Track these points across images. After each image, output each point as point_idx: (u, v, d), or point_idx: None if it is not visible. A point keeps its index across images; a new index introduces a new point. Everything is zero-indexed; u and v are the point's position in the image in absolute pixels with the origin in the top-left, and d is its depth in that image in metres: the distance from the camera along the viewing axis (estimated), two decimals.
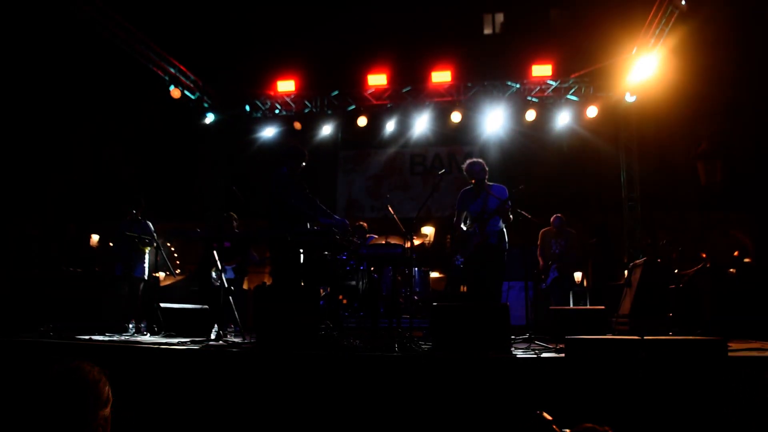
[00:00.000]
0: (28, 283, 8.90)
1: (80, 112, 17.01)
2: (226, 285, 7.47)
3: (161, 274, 10.05)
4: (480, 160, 7.34)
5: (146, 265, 8.76)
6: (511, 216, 7.07)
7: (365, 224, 10.49)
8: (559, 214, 9.99)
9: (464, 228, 7.28)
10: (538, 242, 9.95)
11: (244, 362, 5.43)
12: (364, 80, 12.68)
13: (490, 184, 7.26)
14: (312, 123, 13.57)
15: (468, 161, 7.39)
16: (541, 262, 9.90)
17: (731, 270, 8.44)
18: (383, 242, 8.60)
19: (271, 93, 13.25)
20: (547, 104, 12.63)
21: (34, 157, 17.30)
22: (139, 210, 8.57)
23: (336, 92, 13.16)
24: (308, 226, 6.73)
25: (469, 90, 12.68)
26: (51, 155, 17.28)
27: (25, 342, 6.28)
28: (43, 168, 17.28)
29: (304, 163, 7.06)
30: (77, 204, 14.60)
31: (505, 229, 7.24)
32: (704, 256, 10.78)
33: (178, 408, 5.20)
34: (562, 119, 12.68)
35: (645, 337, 4.50)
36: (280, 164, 6.95)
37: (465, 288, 7.37)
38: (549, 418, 2.19)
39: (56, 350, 6.02)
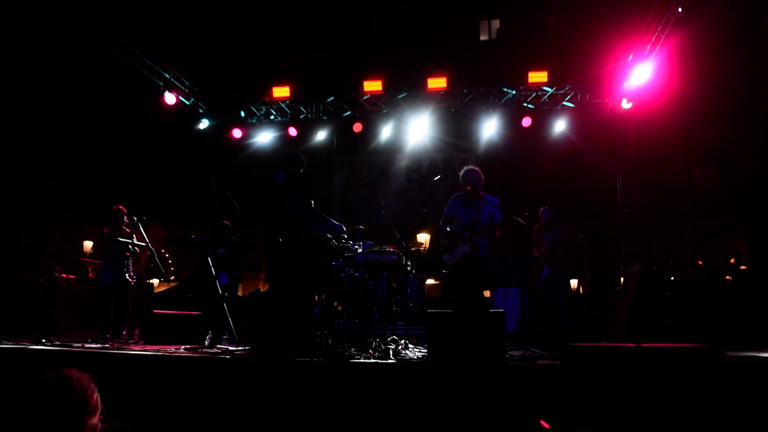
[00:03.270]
0: (20, 289, 8.84)
1: (74, 116, 16.96)
2: (221, 291, 7.43)
3: (155, 281, 10.00)
4: (477, 169, 7.30)
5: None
6: (498, 234, 7.09)
7: (363, 228, 10.46)
8: (545, 207, 9.45)
9: (449, 231, 7.27)
10: (533, 241, 9.50)
11: (238, 369, 5.39)
12: (360, 86, 12.66)
13: (483, 194, 7.23)
14: (307, 129, 13.55)
15: (465, 168, 7.36)
16: (539, 259, 9.38)
17: (728, 277, 8.43)
18: (379, 249, 8.57)
19: (267, 99, 13.23)
20: (542, 111, 12.63)
21: (25, 161, 17.25)
22: (124, 217, 8.52)
23: (331, 98, 13.14)
24: (303, 233, 6.68)
25: (465, 96, 12.67)
26: (42, 160, 17.23)
27: (17, 349, 6.22)
28: (34, 173, 17.23)
29: (302, 170, 7.02)
30: (68, 210, 14.54)
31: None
32: (700, 263, 10.78)
33: (171, 416, 5.15)
34: (558, 126, 12.68)
35: (641, 345, 4.47)
36: (278, 170, 6.91)
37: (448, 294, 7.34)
38: (546, 426, 2.16)
39: (49, 357, 5.97)
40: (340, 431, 4.84)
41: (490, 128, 13.00)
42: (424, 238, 14.07)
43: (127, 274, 8.49)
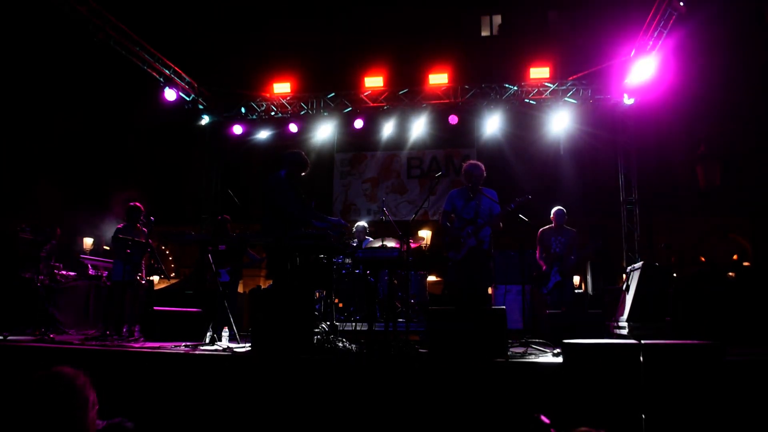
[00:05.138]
0: (20, 286, 8.82)
1: (74, 113, 16.96)
2: (221, 288, 7.41)
3: (155, 278, 9.98)
4: (480, 164, 7.27)
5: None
6: (501, 225, 7.05)
7: (365, 224, 10.43)
8: (559, 207, 9.13)
9: (450, 227, 7.23)
10: (537, 242, 9.23)
11: (238, 366, 5.37)
12: (361, 82, 12.63)
13: (481, 188, 7.20)
14: (308, 125, 13.51)
15: (468, 162, 7.32)
16: (542, 265, 9.12)
17: (730, 273, 8.39)
18: (380, 245, 8.55)
19: (267, 95, 13.21)
20: (544, 107, 12.57)
21: (25, 159, 17.25)
22: (141, 215, 8.51)
23: (332, 94, 13.11)
24: (303, 230, 6.67)
25: (467, 92, 12.63)
26: (42, 158, 17.23)
27: (19, 346, 6.21)
28: (33, 169, 17.23)
29: (303, 173, 7.00)
30: (68, 206, 14.53)
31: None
32: (703, 259, 10.74)
33: (172, 413, 5.14)
34: (560, 122, 12.63)
35: (643, 342, 4.45)
36: (280, 167, 6.89)
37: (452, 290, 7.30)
38: (547, 421, 2.13)
39: (49, 355, 5.95)
40: (341, 428, 4.83)
41: (491, 124, 12.97)
42: (425, 234, 14.02)
43: (138, 274, 8.47)
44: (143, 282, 8.76)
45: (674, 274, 8.40)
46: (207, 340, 6.75)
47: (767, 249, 14.96)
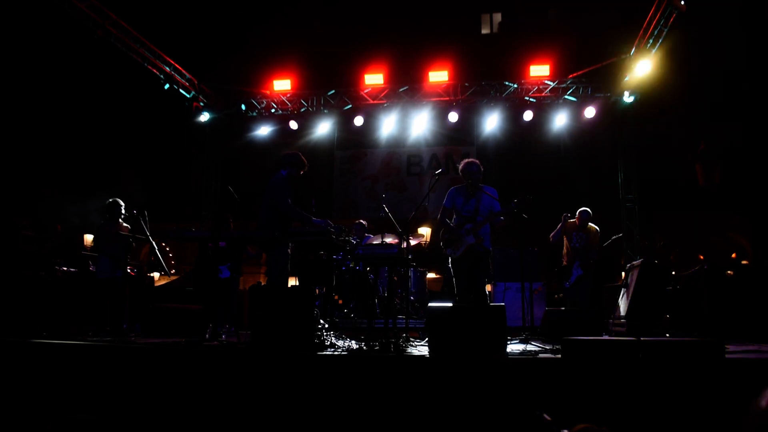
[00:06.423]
0: (23, 283, 8.83)
1: (73, 111, 16.95)
2: (222, 285, 7.42)
3: (156, 275, 9.99)
4: (477, 161, 7.27)
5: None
6: (503, 222, 7.04)
7: (365, 222, 10.44)
8: (586, 209, 9.29)
9: (449, 224, 7.22)
10: (558, 227, 9.31)
11: (239, 363, 5.39)
12: (361, 79, 12.63)
13: (481, 185, 7.20)
14: (308, 122, 13.52)
15: (464, 161, 7.32)
16: (565, 255, 9.26)
17: (729, 272, 8.40)
18: (379, 243, 8.55)
19: (267, 92, 13.20)
20: (544, 104, 12.59)
21: (26, 156, 17.25)
22: (121, 209, 8.51)
23: (332, 91, 13.11)
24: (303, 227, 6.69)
25: (467, 90, 12.64)
26: (43, 155, 17.23)
27: (21, 343, 6.22)
28: (35, 167, 17.23)
29: (302, 172, 7.05)
30: (69, 203, 14.53)
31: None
32: (702, 257, 10.75)
33: (173, 408, 5.15)
34: (560, 119, 12.64)
35: (642, 339, 4.46)
36: (280, 167, 6.93)
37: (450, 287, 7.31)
38: (548, 418, 2.14)
39: (50, 351, 5.96)
40: (341, 424, 4.84)
41: (491, 122, 13.00)
42: (425, 231, 14.04)
43: (126, 268, 8.47)
44: (134, 273, 8.76)
45: (673, 272, 8.41)
46: (207, 337, 6.77)
47: (766, 247, 14.98)
